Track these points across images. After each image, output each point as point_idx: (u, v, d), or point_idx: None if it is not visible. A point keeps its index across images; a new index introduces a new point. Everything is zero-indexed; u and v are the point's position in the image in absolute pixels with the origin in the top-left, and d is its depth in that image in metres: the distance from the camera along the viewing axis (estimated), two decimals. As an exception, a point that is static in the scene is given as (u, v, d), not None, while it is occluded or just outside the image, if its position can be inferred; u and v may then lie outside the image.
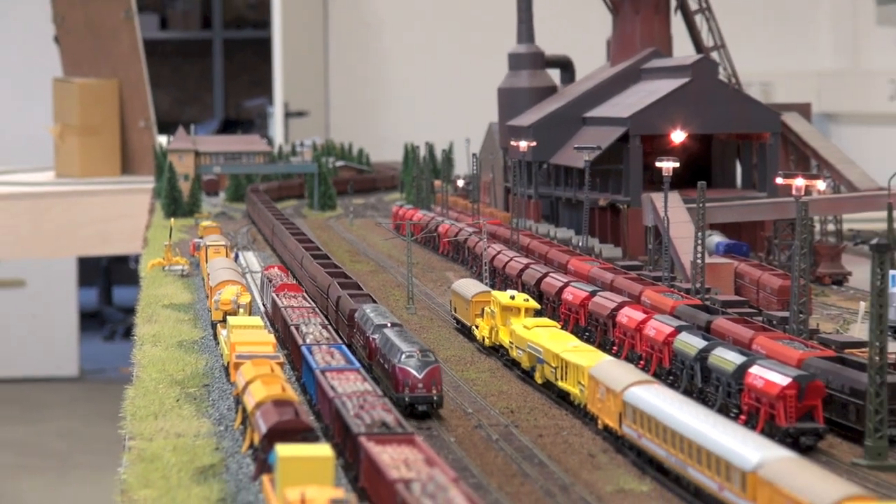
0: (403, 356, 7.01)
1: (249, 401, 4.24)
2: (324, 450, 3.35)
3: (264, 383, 4.33)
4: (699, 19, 11.85)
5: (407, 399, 7.03)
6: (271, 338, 5.62)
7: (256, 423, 4.00)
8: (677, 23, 13.62)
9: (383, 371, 7.39)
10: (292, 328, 6.39)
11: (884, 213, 13.70)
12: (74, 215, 16.50)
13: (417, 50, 21.79)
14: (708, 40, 11.87)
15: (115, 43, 18.47)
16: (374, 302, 8.06)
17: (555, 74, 21.05)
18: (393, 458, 3.40)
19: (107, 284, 28.44)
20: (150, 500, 3.63)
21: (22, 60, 22.35)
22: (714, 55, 12.25)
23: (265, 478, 3.55)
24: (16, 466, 16.63)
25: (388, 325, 7.51)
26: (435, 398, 6.95)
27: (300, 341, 5.80)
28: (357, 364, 5.37)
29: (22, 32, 22.17)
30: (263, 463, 3.83)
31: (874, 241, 4.71)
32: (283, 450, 3.41)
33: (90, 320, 26.41)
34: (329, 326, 6.43)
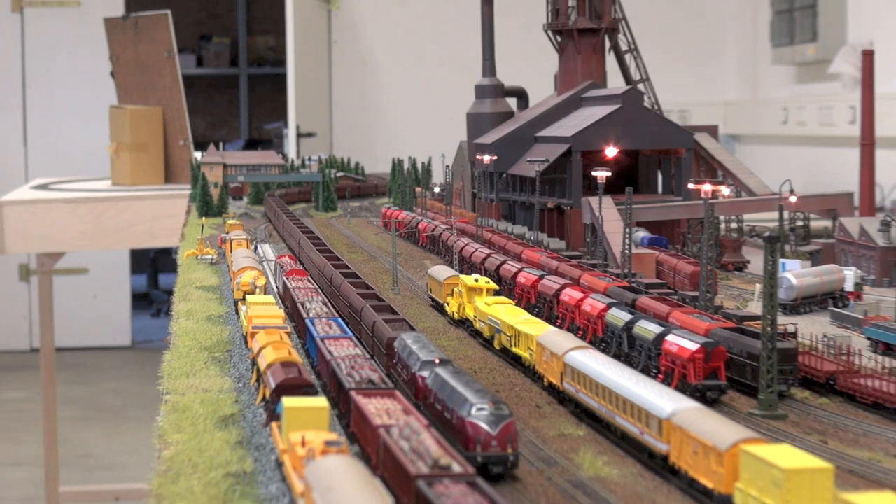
0: (474, 409, 6.30)
1: (262, 362, 4.22)
2: (321, 401, 3.33)
3: (274, 348, 4.30)
4: (628, 58, 11.75)
5: (479, 459, 6.25)
6: (281, 312, 5.53)
7: (267, 380, 3.97)
8: (611, 60, 13.61)
9: (441, 419, 6.64)
10: (298, 304, 6.19)
11: (776, 213, 13.52)
12: (127, 215, 16.22)
13: (404, 83, 21.72)
14: (635, 75, 11.74)
15: (159, 77, 18.25)
16: (412, 329, 7.56)
17: (512, 102, 20.84)
18: (377, 409, 3.37)
19: (153, 271, 27.94)
20: (182, 442, 3.60)
21: (86, 92, 22.17)
22: (640, 87, 12.16)
23: (274, 424, 3.53)
24: (79, 419, 16.46)
25: (437, 361, 6.93)
26: (511, 458, 6.11)
27: (305, 315, 5.67)
28: (350, 333, 5.25)
29: (86, 69, 22.04)
30: (272, 412, 3.78)
31: (766, 235, 4.68)
32: (288, 401, 3.39)
33: (140, 300, 25.94)
34: (328, 303, 6.27)
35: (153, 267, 22.56)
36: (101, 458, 14.35)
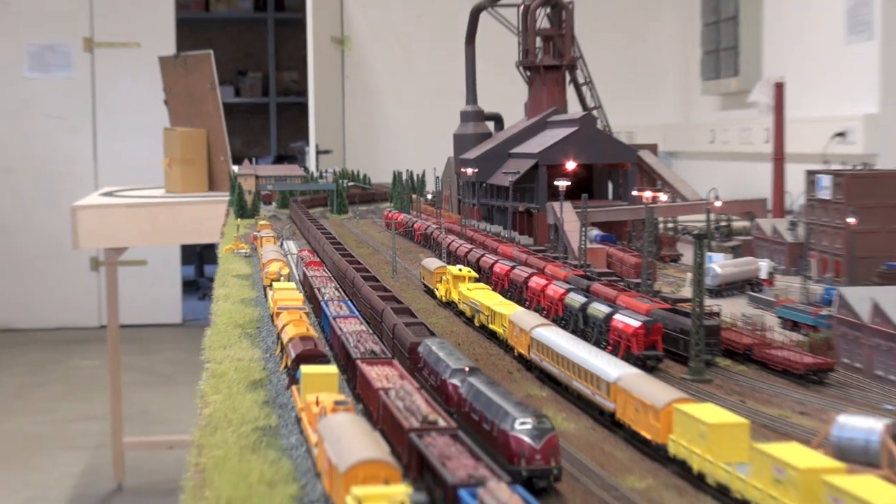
0: (517, 423, 5.67)
1: (285, 336, 4.16)
2: (332, 369, 3.29)
3: (295, 325, 4.24)
4: (585, 89, 11.63)
5: (525, 473, 5.70)
6: (301, 296, 5.46)
7: (289, 351, 3.92)
8: (570, 91, 13.49)
9: (479, 430, 6.04)
10: (315, 290, 6.08)
11: (704, 216, 13.41)
12: (178, 217, 15.95)
13: (402, 110, 21.44)
14: (590, 102, 11.62)
15: (204, 105, 17.96)
16: (431, 332, 6.90)
17: (490, 125, 20.69)
18: (377, 374, 3.33)
19: (199, 263, 27.43)
20: (219, 401, 3.57)
21: (144, 116, 21.92)
22: (594, 112, 12.01)
23: (294, 388, 3.48)
24: (139, 383, 16.28)
25: (467, 369, 6.27)
26: (555, 471, 5.51)
27: (320, 298, 5.56)
28: (356, 313, 5.09)
29: (144, 98, 21.81)
30: (293, 377, 3.73)
31: (695, 233, 4.66)
32: (305, 369, 3.35)
33: (189, 286, 25.55)
34: (339, 289, 6.07)
35: (199, 259, 22.46)
36: (156, 415, 14.32)
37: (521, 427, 2.85)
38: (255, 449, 3.37)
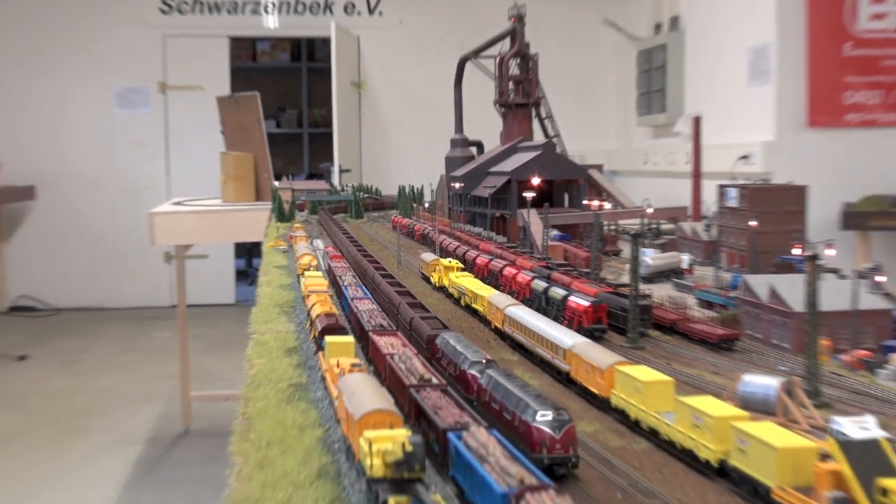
0: (538, 415, 5.23)
1: (313, 313, 4.12)
2: (350, 339, 3.26)
3: (321, 305, 4.19)
4: (547, 122, 11.56)
5: (546, 461, 5.29)
6: (326, 282, 5.40)
7: (316, 325, 3.89)
8: (535, 123, 13.41)
9: (500, 419, 5.60)
10: (337, 277, 5.97)
11: (639, 220, 13.28)
12: (231, 221, 15.73)
13: (406, 138, 21.07)
14: (551, 132, 11.57)
15: (251, 135, 17.69)
16: (444, 325, 6.48)
17: (474, 149, 20.66)
18: (385, 343, 3.29)
19: (248, 257, 27.11)
20: (261, 364, 3.52)
21: (206, 143, 21.73)
22: (554, 140, 11.91)
23: (320, 353, 3.45)
24: (202, 350, 16.18)
25: (483, 361, 5.72)
26: (573, 458, 5.14)
27: (341, 284, 5.46)
28: (370, 295, 4.92)
29: (205, 129, 21.61)
30: (319, 346, 3.70)
31: (632, 233, 4.63)
32: (329, 338, 3.31)
33: (241, 275, 25.37)
34: (356, 276, 5.86)
35: (248, 254, 22.41)
36: (216, 375, 14.32)
37: (542, 419, 2.55)
38: (290, 401, 3.35)
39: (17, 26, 19.61)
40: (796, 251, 4.66)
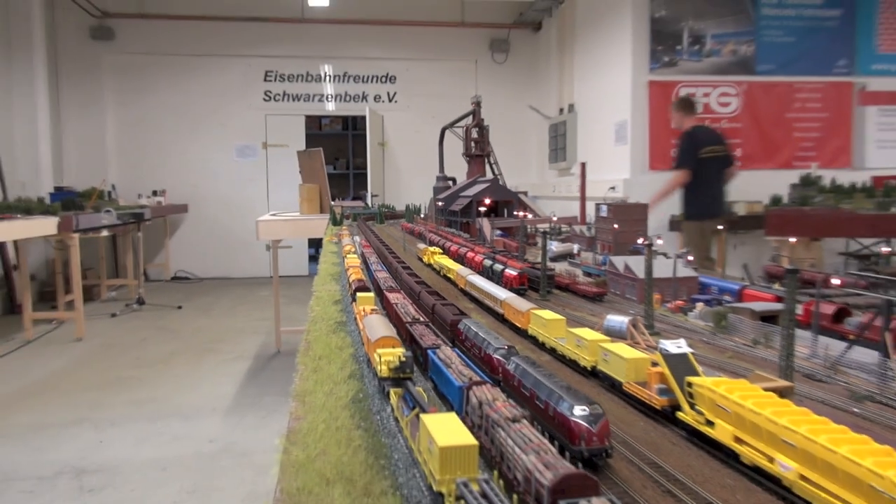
0: (575, 409, 1.62)
1: (350, 279, 4.08)
2: (371, 294, 3.19)
3: (355, 274, 4.13)
4: (494, 166, 11.44)
5: (586, 453, 1.56)
6: (359, 261, 5.32)
7: (352, 286, 3.84)
8: (487, 167, 13.24)
9: (532, 405, 1.84)
10: (366, 258, 5.77)
11: (549, 224, 13.20)
12: (306, 225, 15.39)
13: (411, 175, 20.44)
14: (497, 172, 11.45)
15: (317, 174, 17.26)
16: (461, 312, 3.05)
17: (450, 182, 20.56)
18: (393, 297, 3.21)
19: (316, 247, 26.63)
20: (318, 309, 3.38)
21: (291, 180, 21.42)
22: (499, 177, 11.68)
23: (353, 303, 3.33)
24: (288, 303, 16.01)
25: (506, 348, 2.29)
26: (608, 449, 1.55)
27: (368, 262, 5.29)
28: (385, 268, 4.64)
29: (291, 172, 21.30)
30: (353, 298, 3.63)
31: (543, 231, 4.62)
32: (359, 294, 3.25)
33: (311, 258, 25.00)
34: (380, 259, 5.35)
35: (317, 245, 22.32)
36: (294, 316, 14.25)
37: (580, 413, 1.62)
38: (335, 331, 3.27)
39: (183, 111, 19.50)
40: (640, 241, 4.66)
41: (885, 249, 8.73)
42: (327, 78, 19.59)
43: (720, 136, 10.36)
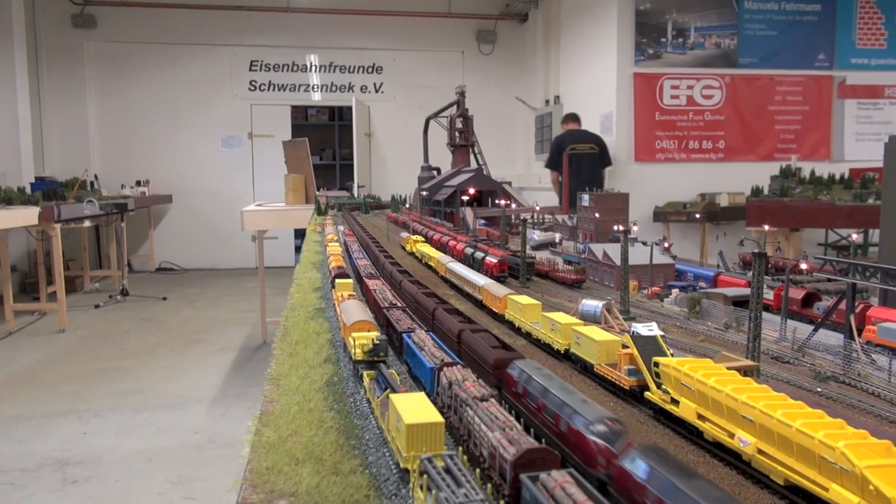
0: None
1: (332, 266, 4.05)
2: (350, 281, 3.19)
3: (336, 261, 4.12)
4: (479, 156, 11.42)
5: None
6: (341, 249, 5.31)
7: (332, 273, 3.83)
8: (472, 156, 13.23)
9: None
10: (348, 245, 5.69)
11: (531, 214, 13.12)
12: (290, 215, 15.22)
13: (397, 166, 20.42)
14: (481, 162, 11.42)
15: (303, 164, 17.13)
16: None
17: (434, 172, 20.36)
18: (373, 284, 3.23)
19: (302, 237, 26.53)
20: (297, 297, 3.36)
21: (276, 169, 21.22)
22: (483, 166, 11.65)
23: (333, 290, 3.33)
24: (273, 293, 16.01)
25: (608, 424, 1.30)
26: None
27: (350, 249, 5.26)
28: (366, 256, 4.56)
29: (276, 161, 21.14)
30: (333, 284, 3.65)
31: (525, 220, 4.66)
32: (338, 281, 3.26)
33: (297, 249, 24.91)
34: (362, 248, 5.23)
35: (303, 236, 22.13)
36: (280, 307, 14.11)
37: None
38: (313, 318, 3.27)
39: (167, 100, 19.23)
40: (617, 228, 4.68)
41: (854, 236, 8.93)
42: (313, 68, 19.31)
43: (590, 136, 11.83)
